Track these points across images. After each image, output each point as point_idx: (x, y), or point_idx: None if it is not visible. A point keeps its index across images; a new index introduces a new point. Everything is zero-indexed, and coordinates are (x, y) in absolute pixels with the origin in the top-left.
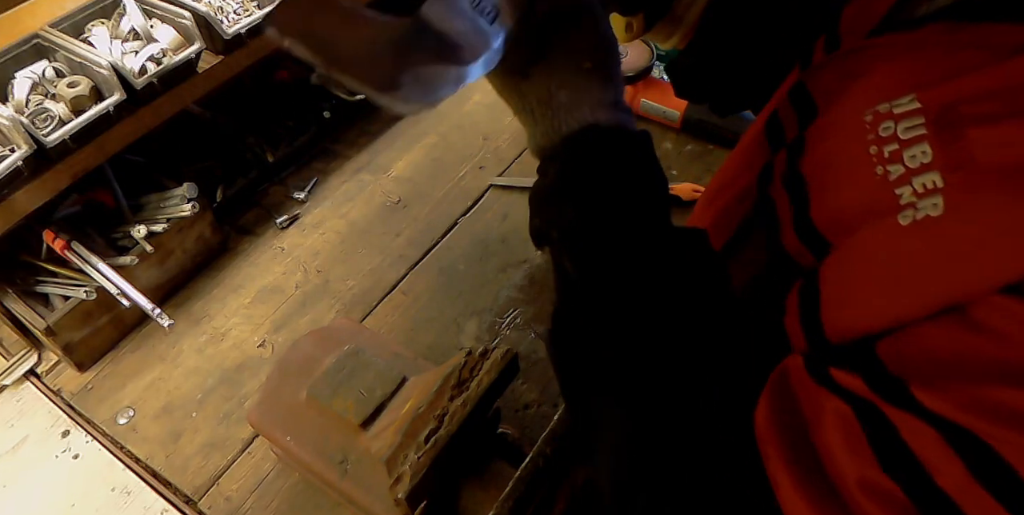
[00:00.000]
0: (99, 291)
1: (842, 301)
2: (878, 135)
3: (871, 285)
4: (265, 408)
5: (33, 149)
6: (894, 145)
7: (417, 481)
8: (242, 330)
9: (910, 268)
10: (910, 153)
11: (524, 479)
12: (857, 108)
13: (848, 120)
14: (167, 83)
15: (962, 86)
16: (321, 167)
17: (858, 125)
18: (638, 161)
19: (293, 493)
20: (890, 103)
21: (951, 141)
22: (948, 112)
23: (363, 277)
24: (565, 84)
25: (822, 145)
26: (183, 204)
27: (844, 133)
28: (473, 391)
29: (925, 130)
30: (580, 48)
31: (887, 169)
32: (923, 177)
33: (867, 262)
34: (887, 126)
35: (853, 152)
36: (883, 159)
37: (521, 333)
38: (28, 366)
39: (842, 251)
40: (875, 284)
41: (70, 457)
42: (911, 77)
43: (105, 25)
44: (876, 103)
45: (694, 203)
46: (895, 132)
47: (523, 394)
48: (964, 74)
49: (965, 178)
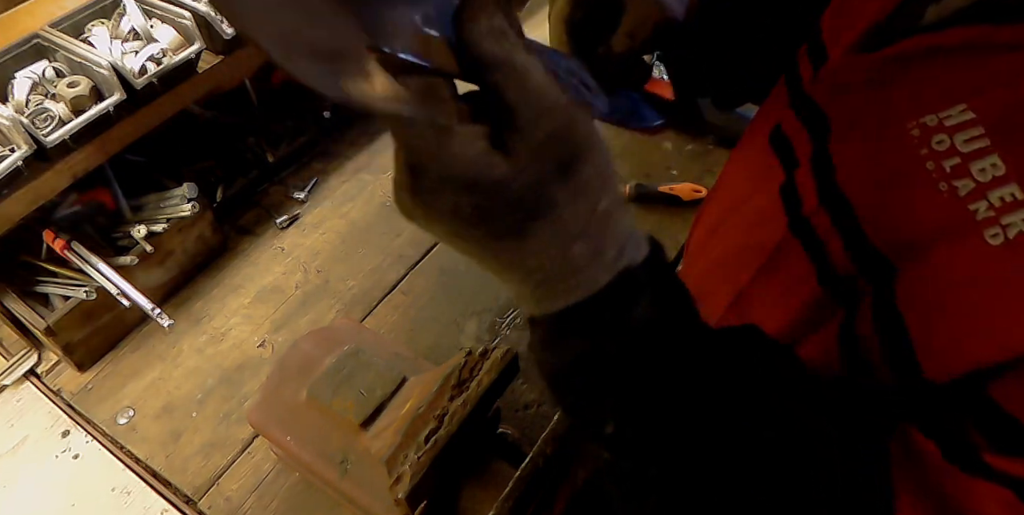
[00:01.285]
0: (99, 291)
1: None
2: (932, 149)
3: (972, 310)
4: (265, 408)
5: (33, 149)
6: (955, 159)
7: (417, 481)
8: (242, 330)
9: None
10: (978, 166)
11: (524, 479)
12: (897, 121)
13: (890, 134)
14: (167, 83)
15: (1015, 91)
16: (321, 167)
17: (905, 139)
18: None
19: (293, 493)
20: (937, 115)
21: (1020, 150)
22: (1007, 120)
23: (363, 277)
24: (577, 233)
25: (864, 162)
26: (183, 204)
27: (889, 148)
28: (473, 391)
29: (988, 141)
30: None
31: (952, 185)
32: (999, 191)
33: (960, 286)
34: (941, 139)
35: (906, 168)
36: (945, 174)
37: (521, 333)
38: (28, 366)
39: (919, 274)
40: (977, 309)
41: (70, 457)
42: (953, 86)
43: (105, 25)
44: (919, 115)
45: (694, 203)
46: (953, 145)
47: (523, 394)
48: (1013, 79)
49: None
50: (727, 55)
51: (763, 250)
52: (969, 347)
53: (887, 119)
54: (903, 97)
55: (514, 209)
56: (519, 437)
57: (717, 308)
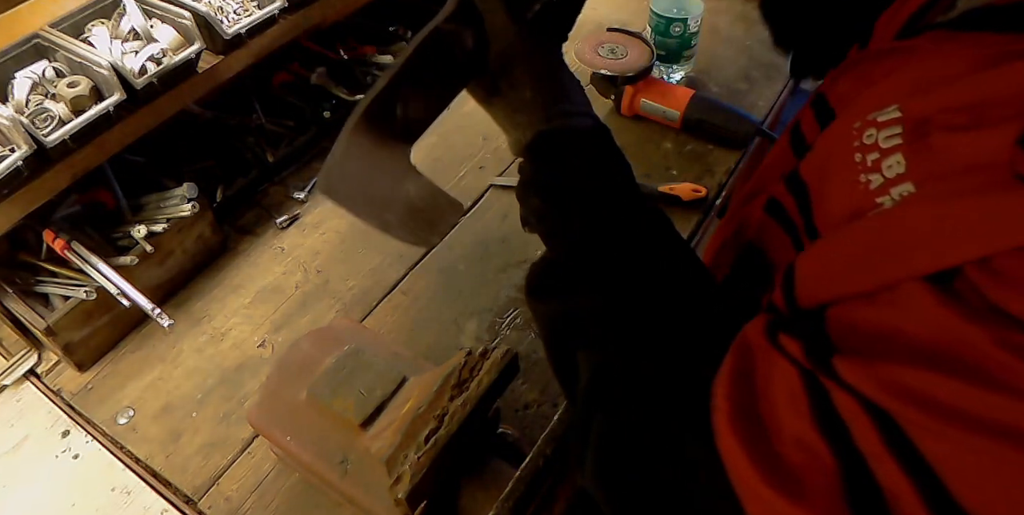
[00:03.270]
0: (99, 291)
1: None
2: (863, 143)
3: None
4: (265, 408)
5: (33, 149)
6: (875, 154)
7: (417, 481)
8: (242, 330)
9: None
10: (887, 163)
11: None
12: (854, 114)
13: (844, 127)
14: (167, 83)
15: (938, 98)
16: (321, 167)
17: (848, 132)
18: (583, 151)
19: (293, 493)
20: (877, 112)
21: (921, 151)
22: (923, 123)
23: (363, 277)
24: (518, 109)
25: (820, 150)
26: (183, 204)
27: (837, 139)
28: (473, 391)
29: (901, 140)
30: (522, 82)
31: (869, 178)
32: (899, 188)
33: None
34: (870, 134)
35: (843, 159)
36: (867, 167)
37: (521, 333)
38: (28, 366)
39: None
40: (838, 260)
41: (70, 457)
42: (899, 86)
43: (105, 25)
44: (869, 111)
45: (694, 203)
46: (877, 141)
47: (523, 394)
48: (944, 85)
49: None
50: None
51: (748, 227)
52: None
53: (853, 113)
54: (873, 94)
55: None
56: (519, 437)
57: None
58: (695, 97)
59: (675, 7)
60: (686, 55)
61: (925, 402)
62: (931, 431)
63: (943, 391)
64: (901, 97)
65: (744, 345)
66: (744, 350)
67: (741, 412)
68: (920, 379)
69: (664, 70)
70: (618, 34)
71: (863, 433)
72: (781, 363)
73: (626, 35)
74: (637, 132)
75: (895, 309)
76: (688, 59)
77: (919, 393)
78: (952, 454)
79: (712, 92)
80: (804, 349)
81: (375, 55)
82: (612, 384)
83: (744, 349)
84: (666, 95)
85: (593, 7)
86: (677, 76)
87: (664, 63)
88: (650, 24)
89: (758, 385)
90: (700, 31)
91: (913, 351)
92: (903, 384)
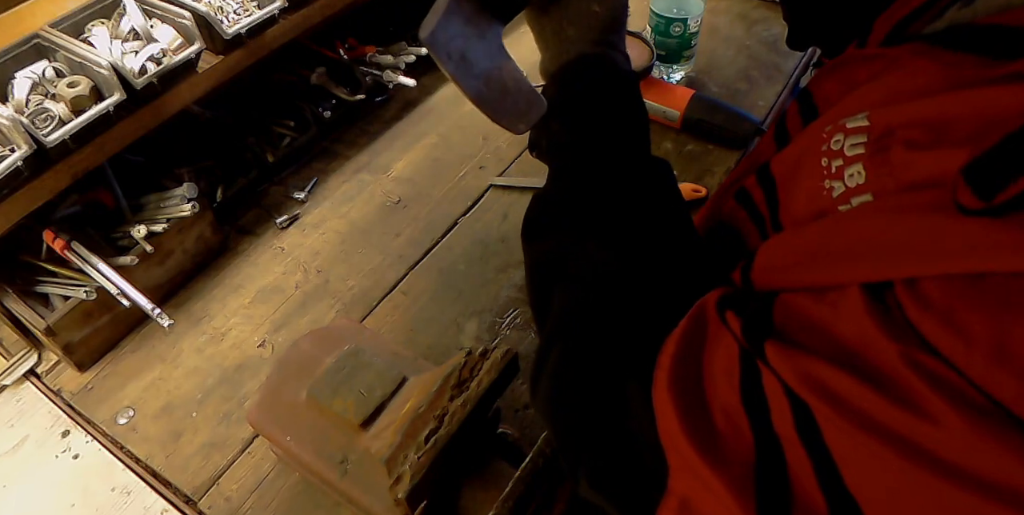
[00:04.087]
0: (99, 291)
1: (767, 263)
2: (830, 147)
3: (790, 254)
4: (265, 408)
5: (33, 149)
6: (840, 160)
7: (417, 481)
8: (242, 330)
9: (818, 248)
10: (849, 171)
11: (524, 479)
12: (831, 118)
13: (817, 128)
14: (167, 83)
15: (904, 111)
16: (321, 167)
17: (819, 134)
18: (617, 90)
19: (293, 493)
20: (848, 117)
21: (881, 164)
22: (887, 135)
23: (363, 277)
24: (574, 22)
25: (791, 149)
26: (183, 204)
27: (809, 140)
28: (473, 391)
29: (864, 150)
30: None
31: (832, 185)
32: (860, 197)
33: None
34: (838, 139)
35: (811, 161)
36: (831, 174)
37: (521, 333)
38: (28, 366)
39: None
40: (793, 254)
41: (70, 457)
42: (872, 94)
43: (105, 25)
44: (844, 116)
45: (694, 203)
46: (843, 147)
47: (523, 394)
48: (912, 99)
49: (884, 199)
50: None
51: (722, 214)
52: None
53: (828, 112)
54: (852, 98)
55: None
56: (519, 437)
57: None
58: (695, 97)
59: (675, 7)
60: (686, 55)
61: (834, 398)
62: (835, 425)
63: (851, 393)
64: (872, 105)
65: (700, 312)
66: (699, 317)
67: (681, 372)
68: (834, 378)
69: (664, 70)
70: None
71: (780, 417)
72: (725, 337)
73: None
74: None
75: (833, 308)
76: (688, 59)
77: (831, 390)
78: (849, 449)
79: (712, 92)
80: (743, 328)
81: (375, 55)
82: (578, 320)
83: (699, 316)
84: (666, 95)
85: None
86: (677, 76)
87: (664, 63)
88: (650, 24)
89: (704, 352)
90: (700, 31)
91: (835, 350)
92: (819, 379)
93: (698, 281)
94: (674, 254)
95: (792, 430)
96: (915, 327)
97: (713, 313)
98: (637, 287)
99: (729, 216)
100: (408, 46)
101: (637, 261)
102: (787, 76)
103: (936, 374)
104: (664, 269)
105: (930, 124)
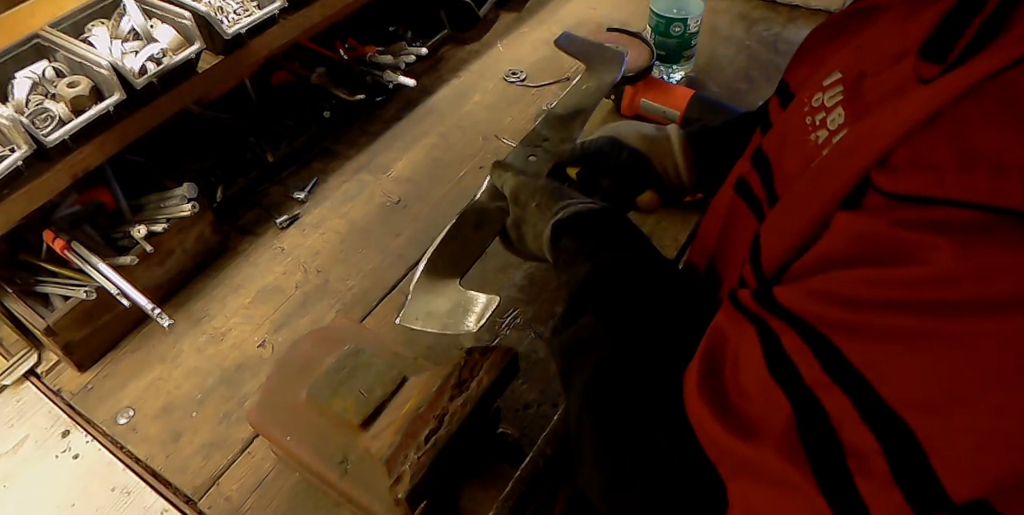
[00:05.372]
0: (99, 291)
1: (770, 241)
2: (811, 106)
3: (785, 216)
4: (265, 408)
5: (33, 149)
6: (822, 114)
7: (417, 481)
8: (242, 330)
9: (804, 195)
10: (831, 117)
11: (524, 479)
12: (809, 89)
13: (798, 100)
14: (167, 83)
15: (872, 53)
16: (321, 167)
17: (800, 102)
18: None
19: (293, 493)
20: (824, 79)
21: (856, 99)
22: (860, 77)
23: (363, 277)
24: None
25: (779, 124)
26: (183, 204)
27: (792, 112)
28: (473, 391)
29: (842, 96)
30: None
31: (817, 135)
32: (839, 136)
33: (786, 200)
34: (817, 97)
35: (796, 125)
36: (815, 126)
37: (521, 333)
38: (28, 366)
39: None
40: (788, 215)
41: (70, 457)
42: (843, 56)
43: (105, 25)
44: (821, 79)
45: (694, 203)
46: (823, 102)
47: (523, 394)
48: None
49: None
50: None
51: (721, 212)
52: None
53: (804, 87)
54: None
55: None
56: (519, 437)
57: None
58: (695, 97)
59: (675, 7)
60: (686, 55)
61: (840, 298)
62: (850, 330)
63: (853, 283)
64: (843, 63)
65: (714, 328)
66: (714, 332)
67: (707, 381)
68: (835, 279)
69: (664, 70)
70: (618, 34)
71: (808, 366)
72: (742, 326)
73: (626, 35)
74: None
75: (823, 242)
76: (688, 59)
77: (835, 292)
78: (870, 351)
79: (712, 92)
80: (752, 293)
81: (375, 55)
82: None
83: (714, 332)
84: (666, 95)
85: (593, 7)
86: (677, 76)
87: (664, 63)
88: (650, 24)
89: (726, 355)
90: (700, 31)
91: (834, 263)
92: (823, 289)
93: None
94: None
95: (821, 373)
96: (895, 193)
97: (727, 313)
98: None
99: (729, 211)
100: (408, 46)
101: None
102: None
103: (922, 219)
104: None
105: (894, 53)
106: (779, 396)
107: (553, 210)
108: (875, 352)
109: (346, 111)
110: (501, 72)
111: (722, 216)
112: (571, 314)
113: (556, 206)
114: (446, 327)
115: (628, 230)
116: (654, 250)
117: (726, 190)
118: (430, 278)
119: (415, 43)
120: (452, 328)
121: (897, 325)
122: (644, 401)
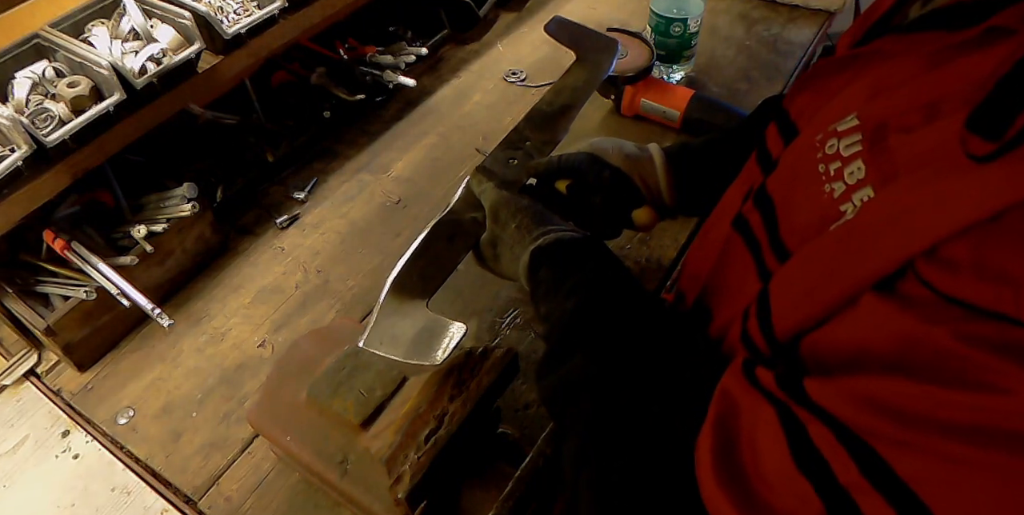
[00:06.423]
0: (99, 291)
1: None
2: (825, 153)
3: (803, 279)
4: (265, 408)
5: (33, 149)
6: (837, 163)
7: (417, 481)
8: (242, 330)
9: (828, 263)
10: (849, 170)
11: (524, 479)
12: (819, 128)
13: (807, 140)
14: (167, 83)
15: (893, 102)
16: (321, 167)
17: (811, 144)
18: (581, 252)
19: (293, 493)
20: (837, 122)
21: (879, 153)
22: (881, 128)
23: (363, 277)
24: (511, 243)
25: (785, 165)
26: (183, 204)
27: (801, 153)
28: (473, 391)
29: (860, 147)
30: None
31: (832, 187)
32: (860, 192)
33: (804, 260)
34: (832, 144)
35: (808, 171)
36: (830, 177)
37: (521, 333)
38: (28, 366)
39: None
40: (806, 278)
41: (70, 457)
42: (856, 95)
43: (105, 25)
44: (831, 122)
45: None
46: (838, 150)
47: (523, 394)
48: (897, 89)
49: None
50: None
51: (716, 245)
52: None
53: (815, 126)
54: (832, 106)
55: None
56: (519, 437)
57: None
58: (695, 97)
59: (675, 7)
60: (686, 55)
61: (891, 411)
62: (901, 445)
63: (908, 397)
64: (859, 105)
65: (724, 394)
66: (724, 399)
67: (723, 462)
68: (884, 388)
69: (664, 70)
70: (618, 34)
71: (842, 466)
72: (759, 404)
73: (626, 35)
74: (637, 132)
75: (857, 325)
76: (688, 59)
77: (885, 402)
78: (925, 469)
79: (712, 92)
80: (777, 378)
81: (375, 55)
82: (599, 446)
83: (724, 398)
84: (666, 95)
85: (593, 7)
86: (677, 76)
87: (664, 63)
88: (650, 24)
89: (741, 432)
90: (700, 31)
91: (877, 362)
92: (869, 396)
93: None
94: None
95: (859, 477)
96: (953, 297)
97: (739, 383)
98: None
99: (725, 246)
100: (408, 46)
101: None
102: (787, 76)
103: (995, 339)
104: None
105: (921, 106)
106: (808, 491)
107: (533, 235)
108: (930, 470)
109: (346, 111)
110: (501, 72)
111: (717, 250)
112: (557, 355)
113: (537, 231)
114: (410, 355)
115: (610, 263)
116: (638, 285)
117: (722, 222)
118: (398, 297)
119: (415, 43)
120: (417, 357)
121: (962, 451)
122: (649, 470)
